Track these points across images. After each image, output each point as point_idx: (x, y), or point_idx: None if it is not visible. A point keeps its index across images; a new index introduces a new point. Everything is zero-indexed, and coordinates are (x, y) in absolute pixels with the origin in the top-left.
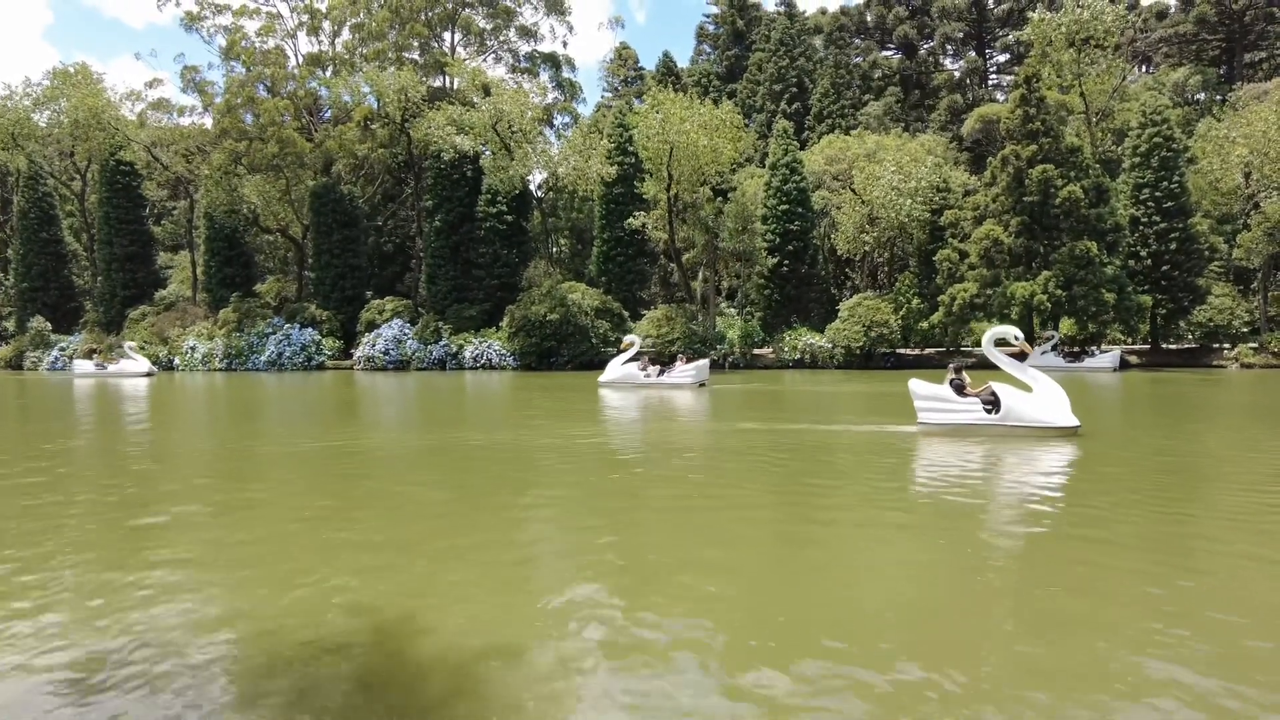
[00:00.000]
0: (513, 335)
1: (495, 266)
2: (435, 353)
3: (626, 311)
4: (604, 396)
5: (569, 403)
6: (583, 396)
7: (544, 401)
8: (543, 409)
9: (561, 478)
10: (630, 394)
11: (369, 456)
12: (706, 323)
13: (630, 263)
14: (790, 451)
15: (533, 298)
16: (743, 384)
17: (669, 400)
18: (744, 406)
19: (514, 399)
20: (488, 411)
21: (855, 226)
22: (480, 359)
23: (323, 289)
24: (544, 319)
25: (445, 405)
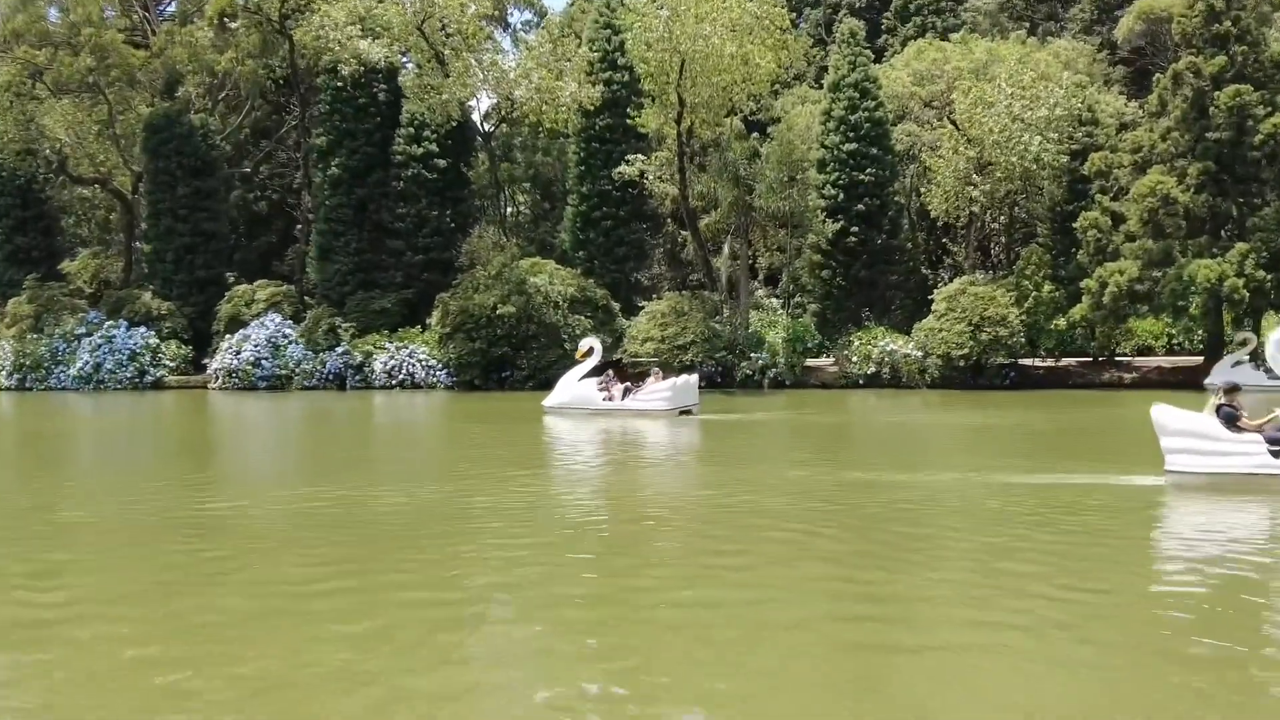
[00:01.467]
0: (446, 338)
1: (420, 235)
2: (330, 364)
3: (617, 303)
4: (550, 428)
5: (517, 439)
6: (544, 429)
7: (484, 436)
8: (481, 448)
9: (511, 565)
10: (585, 424)
11: (214, 526)
12: (736, 320)
13: (621, 230)
14: (891, 507)
15: (477, 281)
16: (787, 411)
17: (649, 436)
18: (788, 443)
19: (441, 433)
20: (401, 454)
21: (957, 176)
22: (398, 373)
23: (162, 269)
24: (493, 313)
25: (339, 444)
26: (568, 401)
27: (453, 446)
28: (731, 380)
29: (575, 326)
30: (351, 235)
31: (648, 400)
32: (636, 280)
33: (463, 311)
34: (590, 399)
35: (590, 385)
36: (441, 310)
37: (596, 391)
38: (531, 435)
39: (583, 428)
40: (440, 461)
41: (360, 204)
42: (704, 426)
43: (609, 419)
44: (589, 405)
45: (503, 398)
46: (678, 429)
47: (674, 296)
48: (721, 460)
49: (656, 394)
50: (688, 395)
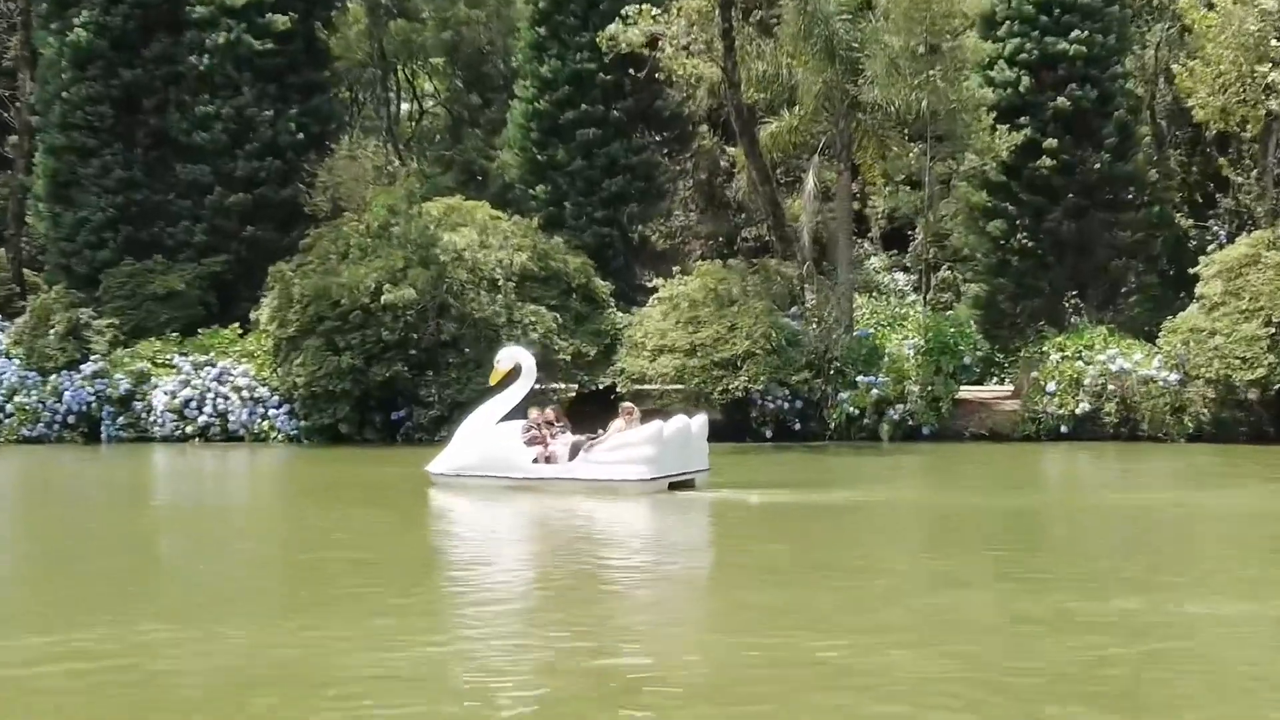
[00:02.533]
0: (288, 346)
1: (239, 156)
2: (71, 395)
3: (607, 280)
4: (437, 518)
5: (383, 550)
6: (423, 523)
7: (342, 552)
8: (336, 579)
9: None
10: (496, 510)
11: None
12: (829, 312)
13: (615, 147)
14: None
15: (343, 242)
16: (928, 492)
17: (619, 543)
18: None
19: (242, 555)
20: (186, 581)
21: (1244, 47)
22: (197, 412)
23: None
24: (374, 301)
25: (60, 581)
26: (471, 465)
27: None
28: (819, 424)
29: (532, 327)
30: (111, 155)
31: (612, 463)
32: (642, 239)
33: (318, 297)
34: (510, 459)
35: (512, 435)
36: (278, 296)
37: (523, 444)
38: (401, 545)
39: (493, 520)
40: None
41: (126, 96)
42: (731, 526)
43: (542, 497)
44: (509, 471)
45: (391, 458)
46: (673, 526)
47: (713, 269)
48: (786, 623)
49: (628, 452)
50: (686, 454)
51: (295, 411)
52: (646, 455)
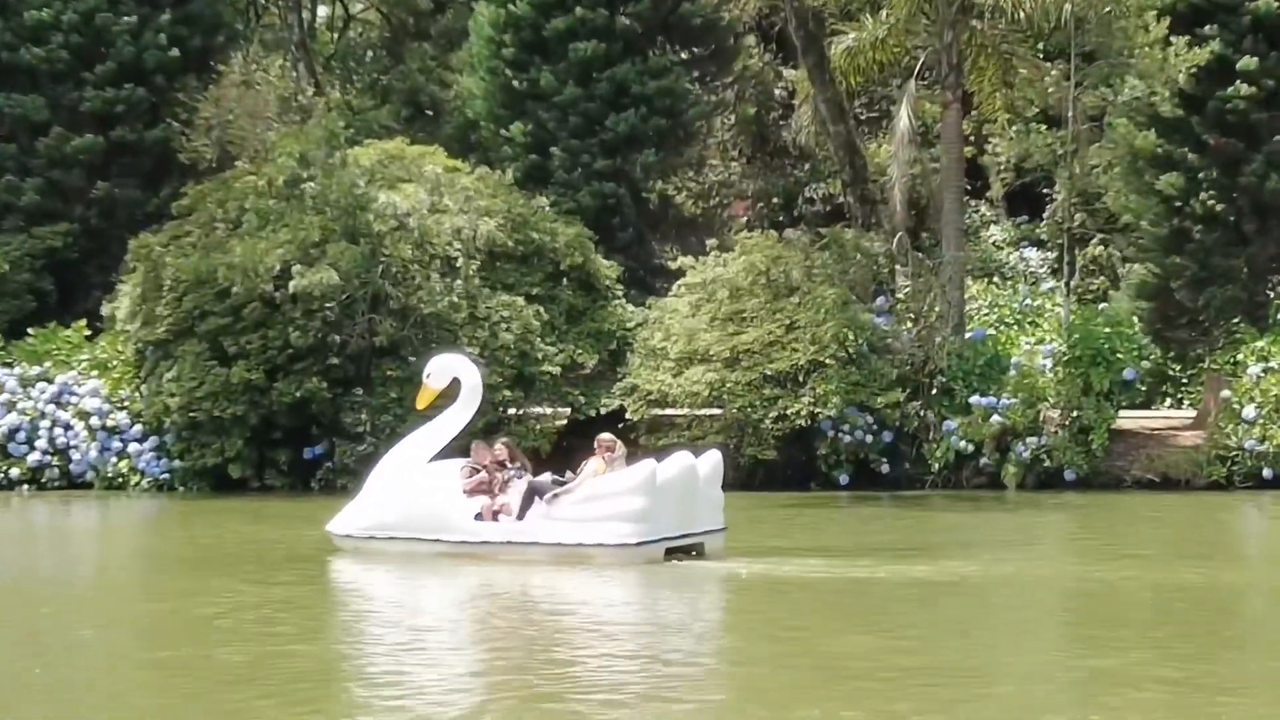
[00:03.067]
0: (153, 352)
1: (86, 79)
2: None
3: (609, 260)
4: (355, 596)
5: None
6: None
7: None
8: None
9: None
10: (423, 593)
11: None
12: (928, 307)
13: (623, 68)
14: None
15: (238, 203)
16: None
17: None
18: None
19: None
20: None
21: None
22: (27, 448)
23: None
24: (277, 289)
25: None
26: (390, 523)
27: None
28: (917, 465)
29: (504, 326)
30: None
31: (584, 520)
32: (663, 200)
33: (199, 283)
34: (444, 515)
35: (447, 480)
36: (142, 281)
37: (462, 494)
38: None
39: (415, 605)
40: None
41: None
42: (772, 612)
43: (488, 569)
44: (442, 532)
45: (302, 512)
46: (680, 614)
47: (764, 244)
48: None
49: (605, 505)
50: (689, 508)
51: (166, 447)
52: (633, 510)
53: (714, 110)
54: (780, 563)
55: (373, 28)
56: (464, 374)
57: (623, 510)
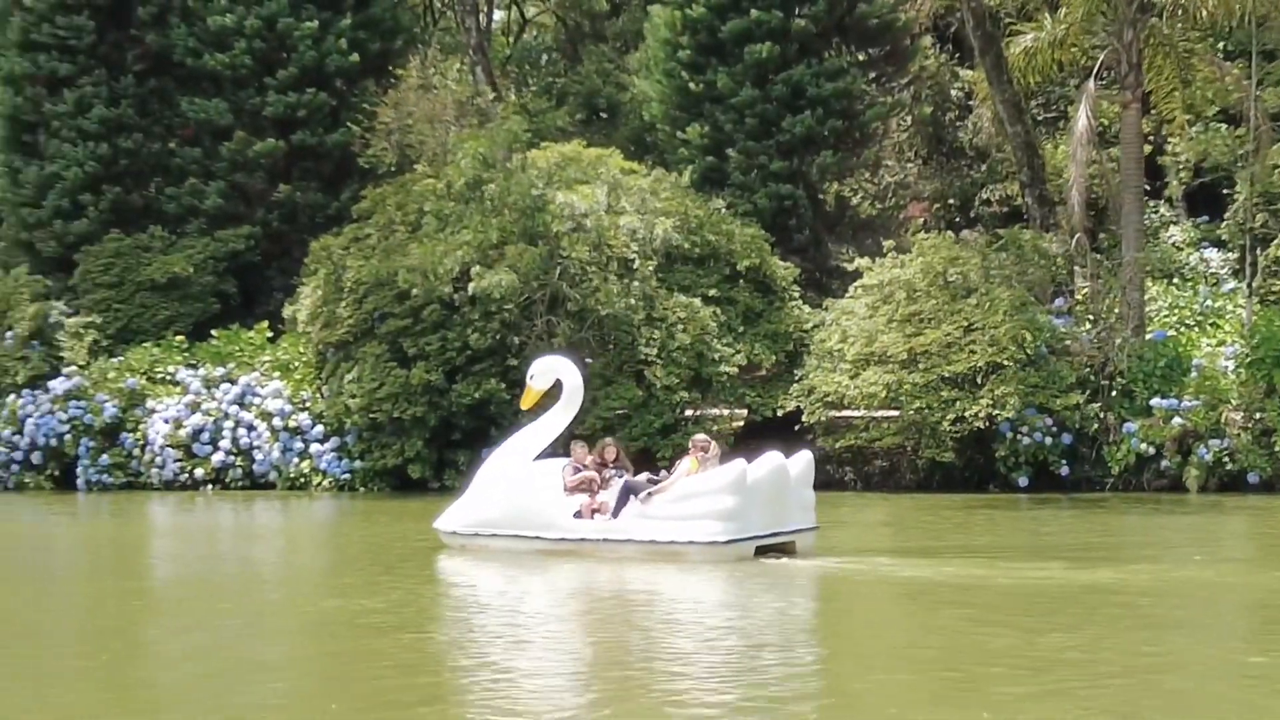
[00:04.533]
0: (334, 354)
1: (260, 89)
2: (38, 425)
3: (785, 261)
4: (443, 602)
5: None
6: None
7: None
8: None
9: None
10: (527, 585)
11: None
12: (1110, 306)
13: (800, 68)
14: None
15: (418, 206)
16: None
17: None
18: None
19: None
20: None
21: None
22: (212, 448)
23: None
24: (456, 290)
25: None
26: (495, 520)
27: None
28: (1097, 467)
29: (681, 327)
30: (91, 86)
31: (675, 518)
32: (839, 202)
33: (379, 285)
34: (544, 512)
35: (547, 475)
36: (323, 284)
37: (562, 492)
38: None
39: (516, 601)
40: None
41: (112, 2)
42: (892, 613)
43: (583, 565)
44: (544, 529)
45: None
46: (796, 615)
47: (941, 245)
48: None
49: (697, 504)
50: (780, 506)
51: (347, 448)
52: (723, 509)
53: (890, 111)
54: (940, 565)
55: (548, 31)
56: (566, 376)
57: (713, 509)
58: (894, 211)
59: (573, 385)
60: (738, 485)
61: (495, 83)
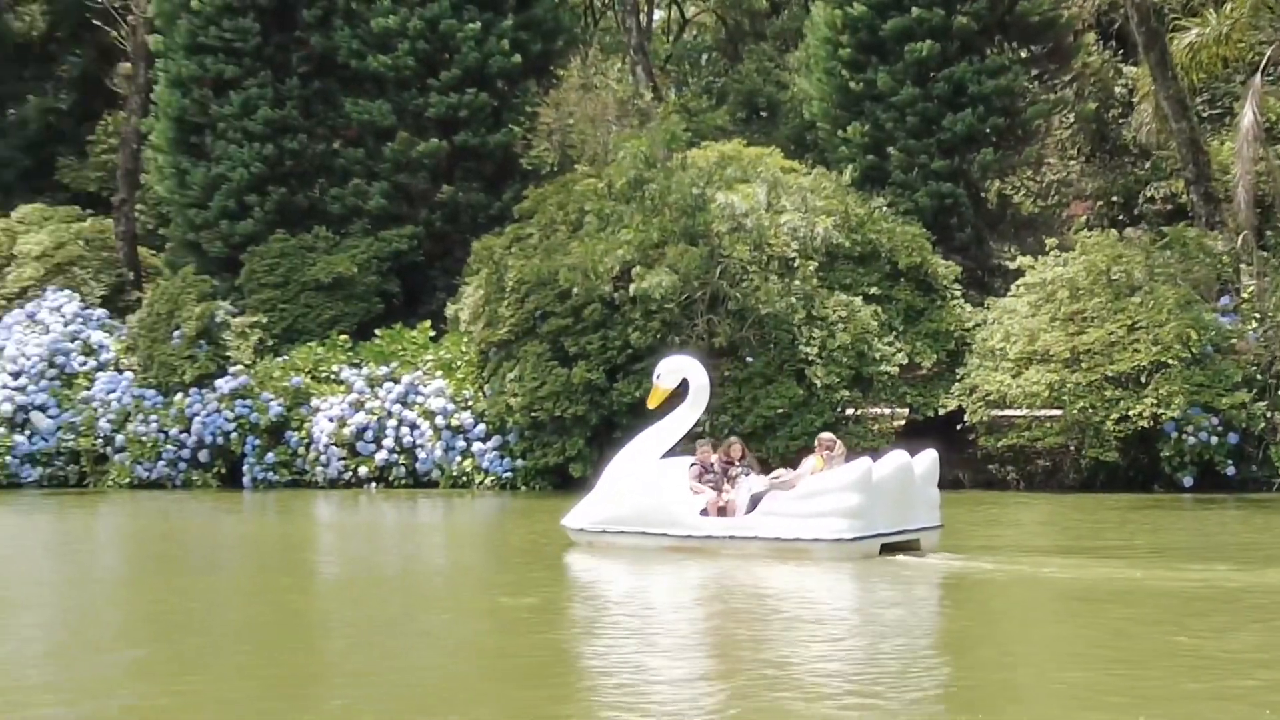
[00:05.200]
0: (496, 353)
1: (423, 90)
2: (205, 424)
3: (946, 259)
4: (572, 596)
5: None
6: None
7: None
8: None
9: None
10: (654, 580)
11: None
12: (1275, 304)
13: (962, 65)
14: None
15: (578, 206)
16: None
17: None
18: None
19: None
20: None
21: None
22: (375, 447)
23: None
24: (614, 291)
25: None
26: (622, 517)
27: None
28: (1265, 467)
29: (841, 326)
30: (256, 88)
31: (801, 516)
32: (1001, 200)
33: (540, 284)
34: (671, 510)
35: (677, 477)
36: (485, 283)
37: (689, 490)
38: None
39: (649, 591)
40: None
41: (277, 4)
42: (1024, 615)
43: (706, 561)
44: (670, 526)
45: None
46: (922, 616)
47: (1105, 243)
48: None
49: (822, 502)
50: (906, 504)
51: (509, 446)
52: (848, 506)
53: (1053, 109)
54: (1102, 565)
55: (708, 30)
56: (692, 375)
57: (839, 506)
58: (1056, 209)
59: (699, 385)
60: (863, 483)
61: (656, 82)
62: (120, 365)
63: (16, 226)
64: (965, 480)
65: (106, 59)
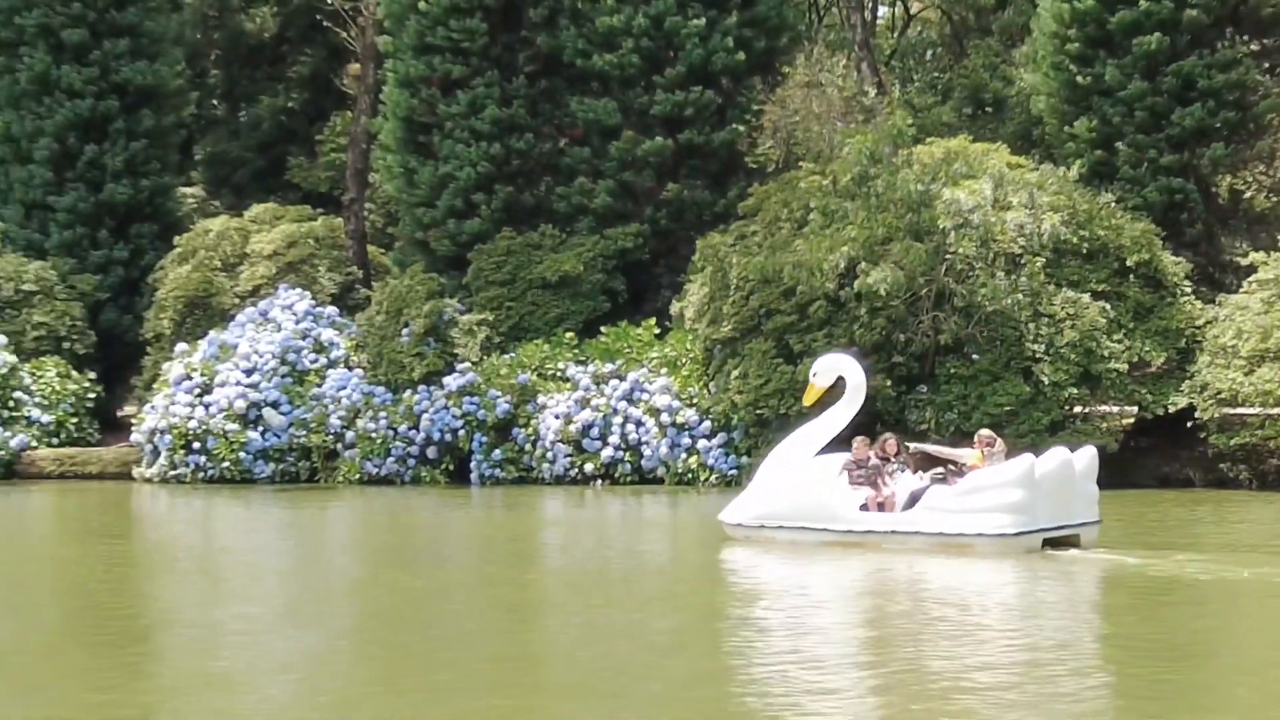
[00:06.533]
0: (721, 349)
1: (648, 88)
2: (434, 421)
3: (1178, 255)
4: (742, 597)
5: None
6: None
7: None
8: None
9: None
10: (821, 578)
11: None
12: None
13: (1192, 59)
14: None
15: (803, 203)
16: None
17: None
18: None
19: None
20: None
21: None
22: (601, 444)
23: (20, 178)
24: (839, 288)
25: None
26: (780, 513)
27: None
28: None
29: (1069, 323)
30: (483, 88)
31: (964, 511)
32: (1232, 195)
33: (765, 282)
34: (831, 505)
35: (828, 470)
36: (710, 281)
37: (848, 485)
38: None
39: (819, 590)
40: None
41: (503, 4)
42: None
43: (868, 555)
44: (830, 521)
45: None
46: (1082, 613)
47: None
48: None
49: (985, 498)
50: (1066, 500)
51: (734, 444)
52: (1012, 502)
53: None
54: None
55: (933, 26)
56: (849, 373)
57: (1002, 502)
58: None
59: (855, 382)
60: (1026, 479)
61: (880, 78)
62: (350, 362)
63: (249, 226)
64: (1196, 479)
65: (336, 59)
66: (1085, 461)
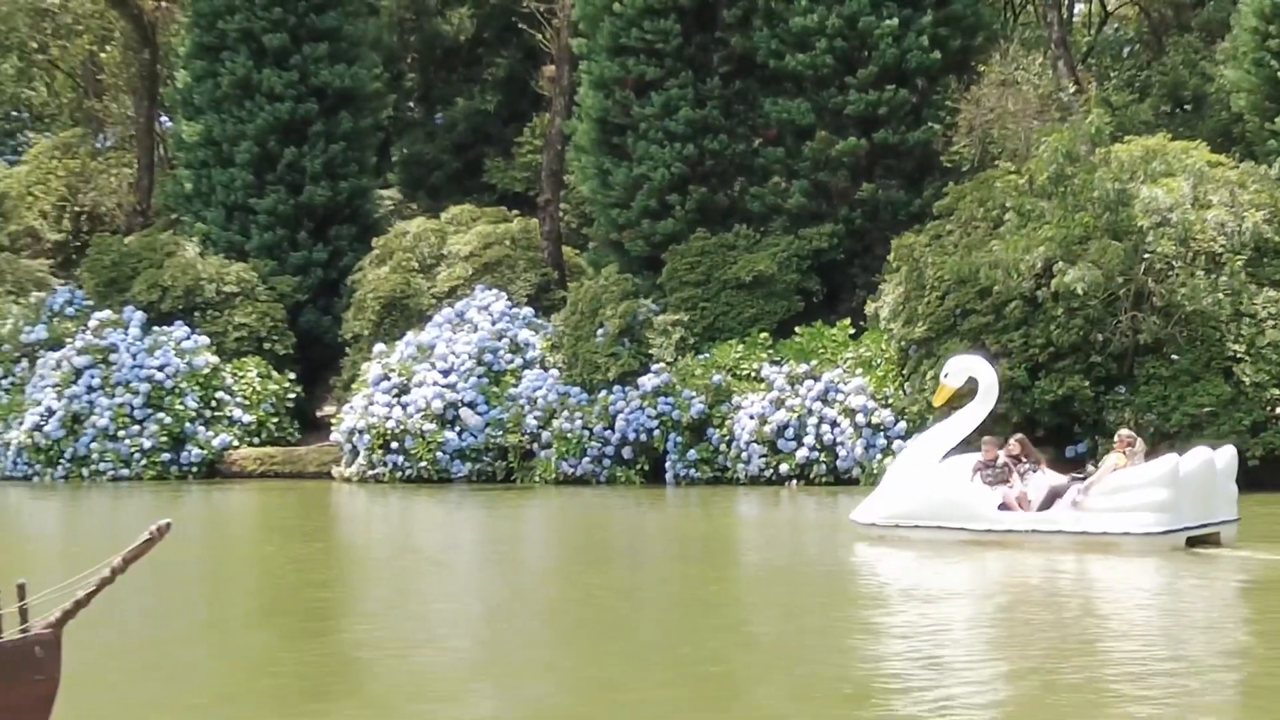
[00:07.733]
0: (916, 351)
1: (842, 88)
2: (629, 421)
3: None
4: (873, 592)
5: None
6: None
7: None
8: None
9: None
10: (960, 573)
11: None
12: None
13: None
14: None
15: (999, 202)
16: None
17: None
18: None
19: None
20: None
21: None
22: (796, 444)
23: (219, 180)
24: (1037, 288)
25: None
26: (915, 512)
27: None
28: None
29: (1271, 322)
30: (677, 89)
31: (1110, 510)
32: None
33: (961, 282)
34: (970, 504)
35: (960, 469)
36: (905, 281)
37: (983, 485)
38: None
39: (960, 584)
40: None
41: (697, 5)
42: None
43: (1015, 556)
44: (969, 520)
45: None
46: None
47: None
48: None
49: (1131, 497)
50: (1209, 498)
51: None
52: (1157, 500)
53: None
54: None
55: (1130, 23)
56: (980, 373)
57: (1148, 501)
58: None
59: (987, 383)
60: (1171, 478)
61: (1077, 76)
62: (546, 363)
63: (446, 227)
64: None
65: (532, 61)
66: (1225, 460)
